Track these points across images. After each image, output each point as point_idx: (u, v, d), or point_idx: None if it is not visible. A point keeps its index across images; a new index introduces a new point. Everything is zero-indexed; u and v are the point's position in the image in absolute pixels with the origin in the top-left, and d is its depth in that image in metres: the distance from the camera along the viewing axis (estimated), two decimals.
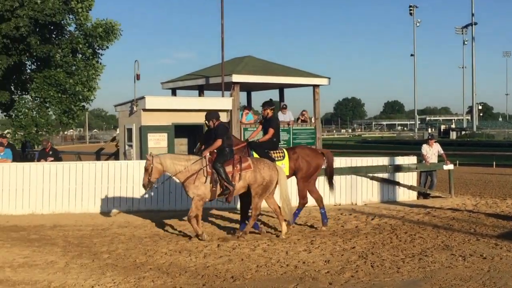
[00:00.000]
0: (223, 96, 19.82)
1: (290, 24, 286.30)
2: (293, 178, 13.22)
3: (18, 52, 20.74)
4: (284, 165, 12.61)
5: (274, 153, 12.68)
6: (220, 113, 18.56)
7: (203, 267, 9.40)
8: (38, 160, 17.41)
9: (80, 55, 24.53)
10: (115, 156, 22.32)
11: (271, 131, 12.73)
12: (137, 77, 18.20)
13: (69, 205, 15.18)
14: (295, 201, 13.63)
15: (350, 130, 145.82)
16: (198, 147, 12.62)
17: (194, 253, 10.38)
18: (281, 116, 20.47)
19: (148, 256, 10.20)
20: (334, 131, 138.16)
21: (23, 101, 24.25)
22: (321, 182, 14.35)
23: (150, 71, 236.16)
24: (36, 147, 22.98)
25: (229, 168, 11.68)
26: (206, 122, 12.17)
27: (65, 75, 23.43)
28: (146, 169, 11.66)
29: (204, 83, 21.07)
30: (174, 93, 23.11)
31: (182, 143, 18.81)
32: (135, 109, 17.73)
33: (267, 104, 13.16)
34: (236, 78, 19.54)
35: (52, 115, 24.68)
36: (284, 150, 12.99)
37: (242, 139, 18.84)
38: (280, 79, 21.14)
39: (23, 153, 22.44)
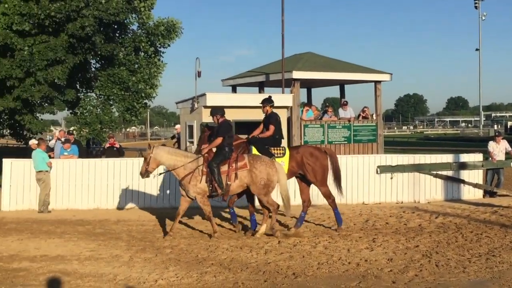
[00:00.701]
0: (283, 92, 19.77)
1: (351, 19, 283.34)
2: (293, 176, 12.86)
3: (84, 51, 21.28)
4: (283, 162, 12.25)
5: (274, 149, 12.37)
6: (281, 110, 18.66)
7: (264, 263, 9.40)
8: (103, 153, 17.86)
9: (143, 53, 25.03)
10: None
11: (271, 127, 12.45)
12: (198, 74, 18.36)
13: (132, 200, 15.49)
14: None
15: (411, 127, 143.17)
16: (200, 143, 12.45)
17: (255, 249, 10.40)
18: (341, 113, 20.30)
19: (209, 252, 10.28)
20: (395, 128, 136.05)
21: (88, 99, 24.94)
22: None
23: (210, 69, 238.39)
24: (102, 144, 23.57)
25: (224, 168, 11.50)
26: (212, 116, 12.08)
27: (128, 73, 23.96)
28: (144, 158, 11.77)
29: (264, 80, 21.09)
30: (234, 90, 23.23)
31: None
32: (196, 106, 17.92)
33: (266, 101, 12.83)
34: (296, 74, 19.46)
35: (115, 112, 25.27)
36: (286, 148, 12.67)
37: (295, 136, 18.84)
38: (341, 75, 20.93)
39: (88, 149, 23.06)
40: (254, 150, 12.29)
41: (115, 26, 23.58)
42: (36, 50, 19.07)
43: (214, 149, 11.68)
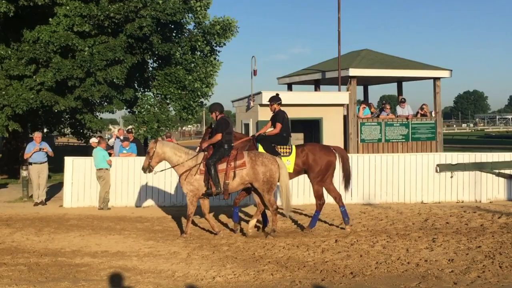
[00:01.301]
0: (339, 90, 19.61)
1: (408, 15, 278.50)
2: (298, 175, 12.80)
3: (142, 51, 21.62)
4: (289, 161, 12.16)
5: (280, 148, 12.29)
6: (337, 108, 18.53)
7: (322, 262, 9.33)
8: None
9: (199, 53, 25.26)
10: None
11: (278, 125, 12.36)
12: (254, 72, 18.39)
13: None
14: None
15: (471, 125, 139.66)
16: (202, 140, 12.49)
17: (312, 248, 10.33)
18: (399, 110, 19.97)
19: (266, 250, 10.27)
20: (454, 125, 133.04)
21: (146, 98, 25.35)
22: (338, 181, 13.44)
23: (265, 67, 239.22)
24: None
25: (222, 166, 11.39)
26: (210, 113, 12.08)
27: (185, 72, 24.23)
28: (148, 153, 11.74)
29: (320, 78, 20.95)
30: (290, 88, 23.20)
31: (298, 138, 18.81)
32: (252, 104, 17.97)
33: (273, 99, 12.74)
34: (353, 72, 19.24)
35: (172, 111, 25.57)
36: (293, 146, 12.53)
37: (352, 134, 18.64)
38: (399, 72, 20.56)
39: (146, 147, 23.38)
40: (261, 148, 12.28)
41: (172, 26, 23.86)
42: (96, 50, 19.48)
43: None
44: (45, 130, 28.70)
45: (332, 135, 18.13)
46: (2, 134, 20.11)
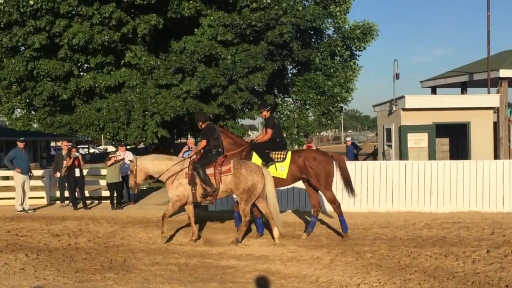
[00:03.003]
0: (489, 93, 18.60)
1: None
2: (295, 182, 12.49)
3: (282, 57, 21.88)
4: (283, 167, 11.87)
5: (274, 153, 12.01)
6: (486, 111, 17.58)
7: (473, 273, 8.83)
8: None
9: (338, 58, 25.14)
10: (373, 156, 22.39)
11: (269, 131, 12.24)
12: (397, 76, 18.01)
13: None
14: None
15: None
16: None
17: (461, 258, 9.83)
18: None
19: (412, 258, 9.92)
20: None
21: (285, 104, 25.62)
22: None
23: (406, 70, 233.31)
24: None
25: (210, 171, 11.28)
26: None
27: (324, 78, 24.22)
28: (131, 172, 11.75)
29: (467, 80, 20.04)
30: (434, 91, 22.43)
31: (443, 143, 18.13)
32: (394, 108, 17.56)
33: (261, 106, 12.83)
34: (504, 73, 18.19)
35: (311, 116, 25.64)
36: (289, 152, 12.13)
37: (503, 139, 17.58)
38: None
39: None
40: (255, 156, 12.12)
41: (312, 32, 23.97)
42: (238, 58, 19.99)
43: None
44: (189, 136, 29.92)
45: (480, 140, 17.26)
46: (152, 141, 21.19)
